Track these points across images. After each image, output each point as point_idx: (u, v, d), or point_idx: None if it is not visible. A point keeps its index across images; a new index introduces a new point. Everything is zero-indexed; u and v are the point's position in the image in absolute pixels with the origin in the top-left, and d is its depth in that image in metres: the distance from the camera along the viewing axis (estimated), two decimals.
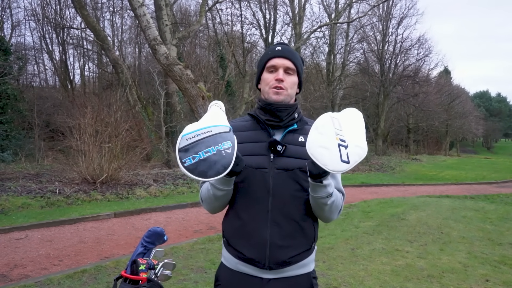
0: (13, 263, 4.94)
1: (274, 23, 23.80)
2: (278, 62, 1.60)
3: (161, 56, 7.43)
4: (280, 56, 1.61)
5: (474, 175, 18.44)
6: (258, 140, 1.60)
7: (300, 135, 1.61)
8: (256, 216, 1.55)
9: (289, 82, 1.60)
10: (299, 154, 1.56)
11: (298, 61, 1.64)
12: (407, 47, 28.32)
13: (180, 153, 1.33)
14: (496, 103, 66.02)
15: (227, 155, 1.34)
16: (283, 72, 1.60)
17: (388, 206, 9.02)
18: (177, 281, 4.10)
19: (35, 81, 22.90)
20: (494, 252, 5.40)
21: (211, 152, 1.32)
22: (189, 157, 1.32)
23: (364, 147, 1.36)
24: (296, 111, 1.65)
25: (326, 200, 1.50)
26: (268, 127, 1.61)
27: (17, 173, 10.40)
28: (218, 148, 1.34)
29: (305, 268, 1.60)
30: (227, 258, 1.65)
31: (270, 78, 1.61)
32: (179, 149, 1.34)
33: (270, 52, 1.64)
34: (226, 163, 1.33)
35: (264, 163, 1.56)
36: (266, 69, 1.63)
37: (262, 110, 1.63)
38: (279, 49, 1.62)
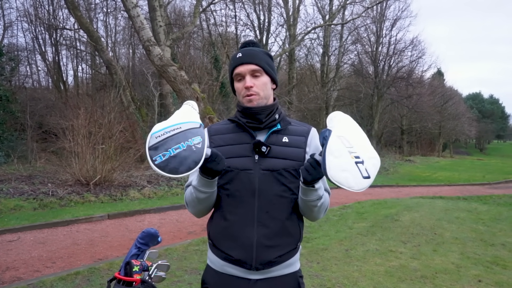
0: (5, 266, 4.90)
1: (268, 25, 23.86)
2: (242, 69, 1.60)
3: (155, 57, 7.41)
4: (242, 63, 1.60)
5: (467, 176, 18.58)
6: (242, 142, 1.61)
7: (284, 135, 1.63)
8: (242, 217, 1.56)
9: (259, 85, 1.60)
10: (283, 155, 1.58)
11: (263, 60, 1.62)
12: (400, 49, 28.50)
13: (150, 151, 1.32)
14: (489, 104, 66.55)
15: (197, 150, 1.33)
16: (250, 77, 1.59)
17: (381, 207, 9.06)
18: (171, 283, 4.09)
19: (27, 82, 22.73)
20: (486, 252, 5.44)
21: (181, 148, 1.32)
22: (160, 155, 1.31)
23: (376, 156, 1.39)
24: (277, 112, 1.65)
25: (316, 203, 1.53)
26: (250, 130, 1.62)
27: (9, 174, 10.32)
28: (188, 144, 1.33)
29: (291, 268, 1.62)
30: (213, 260, 1.65)
31: (240, 87, 1.62)
32: (149, 147, 1.33)
33: (233, 61, 1.64)
34: (196, 158, 1.32)
35: (249, 164, 1.56)
36: (234, 78, 1.64)
37: (241, 113, 1.64)
38: (239, 56, 1.62)
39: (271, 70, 1.65)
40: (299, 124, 1.72)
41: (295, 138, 1.63)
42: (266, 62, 1.63)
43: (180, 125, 1.38)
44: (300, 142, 1.62)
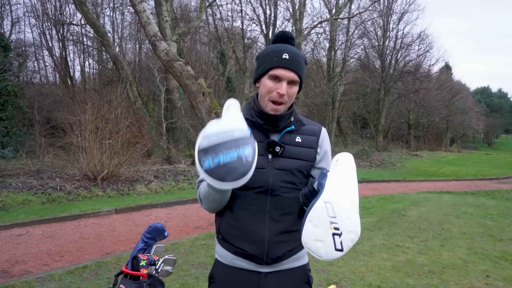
0: (14, 259, 4.95)
1: (274, 19, 23.73)
2: (283, 74, 1.52)
3: (161, 52, 7.41)
4: (287, 67, 1.52)
5: (474, 171, 18.43)
6: (256, 140, 1.59)
7: (297, 135, 1.62)
8: (254, 213, 1.57)
9: (291, 94, 1.56)
10: (296, 155, 1.59)
11: (303, 70, 1.58)
12: (408, 43, 28.22)
13: (199, 153, 1.27)
14: (497, 99, 65.87)
15: (247, 163, 1.27)
16: (286, 85, 1.53)
17: (388, 202, 9.03)
18: (178, 277, 4.11)
19: (35, 77, 22.88)
20: (494, 248, 5.41)
21: (231, 157, 1.25)
22: (209, 159, 1.25)
23: (357, 230, 1.36)
24: (292, 114, 1.63)
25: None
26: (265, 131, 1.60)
27: (18, 169, 10.41)
28: (239, 154, 1.26)
29: (300, 261, 1.64)
30: (222, 254, 1.65)
31: (272, 88, 1.54)
32: (200, 149, 1.27)
33: (276, 59, 1.53)
34: (245, 170, 1.27)
35: (263, 163, 1.56)
36: (269, 76, 1.55)
37: (259, 114, 1.60)
38: (286, 58, 1.52)
39: (303, 79, 1.61)
40: (310, 123, 1.71)
41: (308, 138, 1.64)
42: (303, 71, 1.59)
43: (233, 132, 1.30)
44: (312, 142, 1.63)
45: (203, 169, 1.26)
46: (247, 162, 1.27)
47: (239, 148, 1.26)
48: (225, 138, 1.27)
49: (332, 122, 25.62)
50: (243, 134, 1.31)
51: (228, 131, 1.29)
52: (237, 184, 1.28)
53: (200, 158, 1.26)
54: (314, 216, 1.33)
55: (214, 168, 1.25)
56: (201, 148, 1.27)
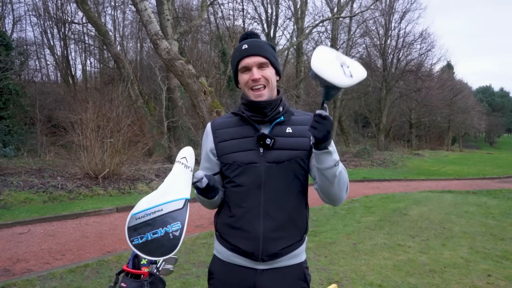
0: (15, 258, 4.96)
1: (276, 18, 23.74)
2: (249, 61, 1.58)
3: (163, 51, 7.41)
4: (249, 54, 1.58)
5: (476, 170, 18.39)
6: (246, 135, 1.61)
7: (288, 126, 1.62)
8: (248, 210, 1.57)
9: (266, 76, 1.59)
10: (288, 146, 1.58)
11: (269, 52, 1.61)
12: (409, 42, 28.17)
13: (128, 231, 1.35)
14: (499, 98, 65.79)
15: (174, 238, 1.35)
16: (257, 70, 1.58)
17: (390, 201, 9.02)
18: (179, 276, 4.11)
19: (36, 76, 22.92)
20: (496, 247, 5.40)
21: (158, 234, 1.34)
22: (138, 237, 1.33)
23: (363, 69, 1.38)
24: (281, 104, 1.64)
25: (334, 170, 1.47)
26: (254, 123, 1.61)
27: (19, 168, 10.43)
28: (166, 230, 1.34)
29: (297, 258, 1.64)
30: (220, 250, 1.67)
31: (246, 79, 1.59)
32: (128, 227, 1.35)
33: (238, 53, 1.61)
34: (172, 247, 1.34)
35: (254, 157, 1.57)
36: (240, 70, 1.62)
37: (246, 106, 1.63)
38: (246, 48, 1.59)
39: (276, 62, 1.64)
40: (302, 113, 1.71)
41: (299, 128, 1.62)
42: (271, 54, 1.62)
43: (162, 207, 1.37)
44: (304, 131, 1.61)
45: (132, 244, 1.34)
46: (175, 238, 1.35)
47: (167, 225, 1.35)
48: (152, 216, 1.36)
49: (334, 121, 25.53)
50: (174, 207, 1.39)
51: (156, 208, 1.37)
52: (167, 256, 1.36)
53: (130, 236, 1.35)
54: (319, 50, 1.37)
55: (143, 244, 1.34)
56: (130, 226, 1.35)
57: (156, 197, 1.41)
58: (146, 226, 1.35)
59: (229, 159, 1.61)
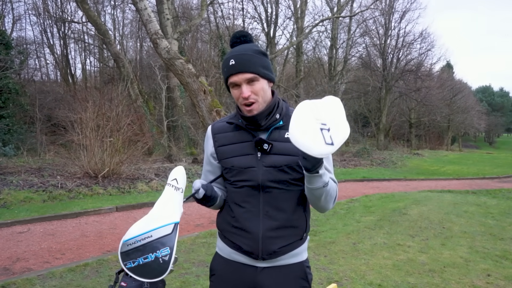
0: (15, 257, 4.96)
1: (276, 17, 23.71)
2: (237, 79, 1.53)
3: (163, 50, 7.41)
4: (236, 72, 1.52)
5: (476, 170, 18.41)
6: (244, 140, 1.62)
7: (286, 131, 1.59)
8: (248, 210, 1.60)
9: (256, 91, 1.54)
10: (285, 151, 1.57)
11: (257, 64, 1.54)
12: (409, 41, 28.16)
13: (122, 256, 1.44)
14: (499, 97, 65.73)
15: (164, 262, 1.43)
16: (246, 86, 1.53)
17: (389, 200, 9.02)
18: (179, 275, 4.11)
19: (36, 75, 22.90)
20: (495, 247, 5.40)
21: (149, 259, 1.43)
22: (130, 261, 1.44)
23: (346, 127, 1.31)
24: (277, 111, 1.61)
25: (322, 191, 1.48)
26: (250, 130, 1.61)
27: (19, 167, 10.42)
28: (156, 255, 1.43)
29: (298, 257, 1.65)
30: (222, 247, 1.71)
31: (237, 95, 1.56)
32: (121, 252, 1.45)
33: (226, 69, 1.56)
34: (162, 270, 1.43)
35: (252, 162, 1.58)
36: (230, 86, 1.58)
37: (241, 116, 1.62)
38: (232, 64, 1.52)
39: (267, 73, 1.57)
40: None
41: None
42: (261, 65, 1.55)
43: (151, 233, 1.45)
44: None
45: (126, 268, 1.43)
46: (164, 262, 1.43)
47: (156, 251, 1.44)
48: (143, 242, 1.44)
49: None
50: (163, 233, 1.46)
51: (146, 234, 1.45)
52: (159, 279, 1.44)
53: (123, 260, 1.44)
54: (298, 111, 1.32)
55: (135, 267, 1.43)
56: (122, 251, 1.45)
57: (146, 223, 1.48)
58: (137, 251, 1.44)
59: (228, 164, 1.63)
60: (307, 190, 1.52)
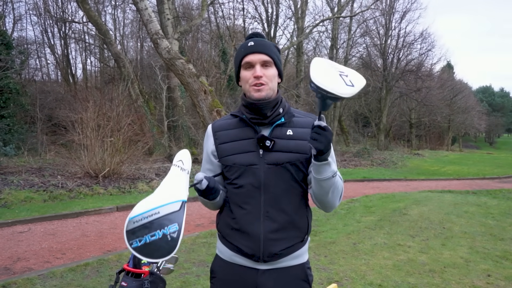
0: (16, 256, 4.97)
1: (276, 17, 23.71)
2: (253, 58, 1.57)
3: (163, 50, 7.41)
4: (254, 51, 1.57)
5: (476, 170, 18.40)
6: (246, 137, 1.61)
7: (288, 128, 1.61)
8: (249, 211, 1.58)
9: (268, 76, 1.58)
10: (288, 148, 1.57)
11: (274, 52, 1.61)
12: (410, 42, 28.12)
13: (127, 234, 1.37)
14: (499, 98, 65.70)
15: (172, 239, 1.36)
16: (260, 67, 1.56)
17: (390, 201, 9.02)
18: (179, 275, 4.11)
19: (37, 75, 22.92)
20: (496, 247, 5.40)
21: (156, 236, 1.35)
22: (136, 240, 1.36)
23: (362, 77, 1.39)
24: (281, 105, 1.63)
25: (332, 181, 1.48)
26: (254, 125, 1.61)
27: (19, 167, 10.43)
28: (164, 232, 1.35)
29: (299, 259, 1.63)
30: (222, 250, 1.68)
31: (248, 76, 1.58)
32: (126, 231, 1.37)
33: (243, 49, 1.60)
34: (170, 248, 1.35)
35: (254, 159, 1.57)
36: (243, 67, 1.60)
37: (246, 108, 1.62)
38: (251, 45, 1.58)
39: (280, 63, 1.64)
40: (304, 115, 1.70)
41: (300, 131, 1.62)
42: (276, 54, 1.62)
43: (159, 209, 1.38)
44: (305, 134, 1.60)
45: (132, 247, 1.36)
46: (172, 239, 1.35)
47: (164, 227, 1.36)
48: (150, 219, 1.36)
49: (333, 121, 25.60)
50: (171, 209, 1.39)
51: (153, 211, 1.37)
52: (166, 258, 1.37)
53: (129, 239, 1.36)
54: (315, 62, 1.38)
55: (142, 246, 1.35)
56: (128, 229, 1.37)
57: (152, 200, 1.42)
58: (144, 229, 1.36)
59: (229, 161, 1.61)
60: (315, 183, 1.51)
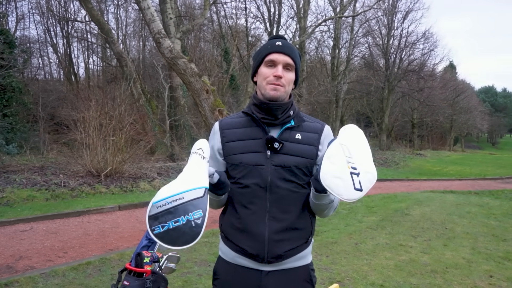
0: (18, 255, 4.98)
1: (278, 17, 23.68)
2: (278, 58, 1.57)
3: (165, 49, 7.42)
4: (280, 51, 1.57)
5: (478, 171, 18.36)
6: (254, 137, 1.60)
7: (297, 132, 1.62)
8: (254, 212, 1.57)
9: (287, 79, 1.58)
10: (295, 152, 1.58)
11: (297, 58, 1.62)
12: (412, 42, 28.12)
13: (150, 221, 1.34)
14: (502, 98, 65.57)
15: (196, 226, 1.33)
16: (282, 69, 1.57)
17: (392, 201, 9.01)
18: (181, 274, 4.12)
19: (39, 74, 22.97)
20: (498, 248, 5.39)
21: (180, 222, 1.32)
22: (159, 225, 1.33)
23: (374, 172, 1.39)
24: (292, 108, 1.63)
25: (327, 205, 1.57)
26: (264, 125, 1.60)
27: (22, 165, 10.46)
28: (188, 218, 1.32)
29: (302, 260, 1.63)
30: (225, 251, 1.67)
31: (268, 73, 1.58)
32: (149, 216, 1.35)
33: (269, 46, 1.60)
34: (194, 234, 1.32)
35: (261, 160, 1.57)
36: (264, 63, 1.60)
37: (257, 107, 1.62)
38: (279, 44, 1.59)
39: (299, 70, 1.66)
40: (312, 120, 1.70)
41: (308, 135, 1.62)
42: (299, 61, 1.64)
43: (182, 195, 1.35)
44: (312, 139, 1.62)
45: (154, 234, 1.33)
46: (197, 226, 1.33)
47: (188, 213, 1.33)
48: (174, 204, 1.34)
49: (335, 121, 25.58)
50: (195, 195, 1.36)
51: (177, 196, 1.35)
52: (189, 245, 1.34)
53: (151, 225, 1.34)
54: (331, 153, 1.38)
55: (164, 233, 1.32)
56: (151, 215, 1.35)
57: (176, 185, 1.39)
58: (167, 214, 1.33)
59: (235, 160, 1.60)
60: (312, 202, 1.58)
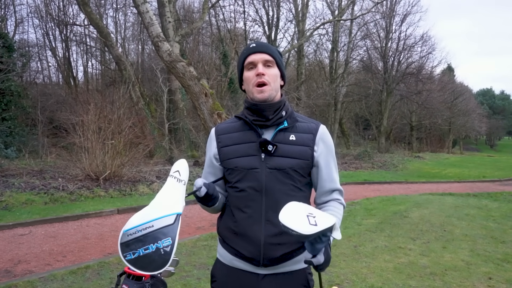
0: (17, 259, 4.97)
1: (277, 20, 23.77)
2: (255, 57, 1.59)
3: (164, 53, 7.43)
4: (256, 51, 1.60)
5: (477, 173, 18.37)
6: (248, 141, 1.61)
7: (291, 133, 1.61)
8: (250, 215, 1.57)
9: (270, 75, 1.59)
10: (290, 153, 1.57)
11: (275, 53, 1.63)
12: (410, 45, 28.16)
13: (121, 247, 1.39)
14: (500, 100, 65.71)
15: (165, 253, 1.38)
16: (262, 66, 1.58)
17: (390, 203, 9.02)
18: (180, 277, 4.11)
19: (38, 78, 22.98)
20: (497, 250, 5.40)
21: (150, 249, 1.38)
22: (130, 252, 1.38)
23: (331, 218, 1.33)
24: (284, 108, 1.63)
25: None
26: (257, 127, 1.61)
27: (20, 169, 10.44)
28: (157, 246, 1.38)
29: (300, 264, 1.62)
30: (223, 254, 1.68)
31: (251, 76, 1.60)
32: (120, 243, 1.40)
33: (245, 51, 1.64)
34: (164, 261, 1.38)
35: (256, 163, 1.57)
36: (246, 68, 1.62)
37: (249, 110, 1.63)
38: (254, 46, 1.62)
39: (281, 64, 1.66)
40: (307, 120, 1.69)
41: (303, 136, 1.62)
42: (278, 56, 1.64)
43: (153, 223, 1.41)
44: (307, 140, 1.61)
45: (126, 260, 1.38)
46: (165, 253, 1.39)
47: (158, 241, 1.39)
48: (144, 232, 1.40)
49: (334, 124, 25.60)
50: (165, 223, 1.41)
51: (147, 224, 1.41)
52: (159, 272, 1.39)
53: (123, 252, 1.39)
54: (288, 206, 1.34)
55: (136, 259, 1.38)
56: (122, 242, 1.39)
57: (147, 213, 1.44)
58: (137, 242, 1.39)
59: (231, 164, 1.61)
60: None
